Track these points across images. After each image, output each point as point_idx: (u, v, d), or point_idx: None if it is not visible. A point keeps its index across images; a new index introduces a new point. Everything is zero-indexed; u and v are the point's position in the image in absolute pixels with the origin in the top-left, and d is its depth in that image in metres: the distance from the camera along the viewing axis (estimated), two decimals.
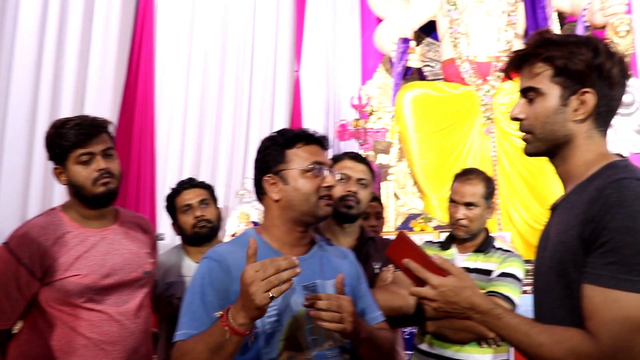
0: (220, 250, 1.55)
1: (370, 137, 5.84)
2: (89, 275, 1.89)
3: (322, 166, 1.59)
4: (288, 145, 1.60)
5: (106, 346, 1.90)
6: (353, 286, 1.70)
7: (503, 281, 2.20)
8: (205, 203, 2.58)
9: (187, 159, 5.80)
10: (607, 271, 1.10)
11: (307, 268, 1.57)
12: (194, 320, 1.44)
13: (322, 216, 1.59)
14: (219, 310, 1.40)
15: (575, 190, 1.27)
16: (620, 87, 1.29)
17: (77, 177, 1.93)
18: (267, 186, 1.60)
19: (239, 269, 1.45)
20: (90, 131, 1.95)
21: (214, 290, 1.47)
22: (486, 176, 2.40)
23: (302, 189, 1.56)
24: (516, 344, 1.22)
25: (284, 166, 1.58)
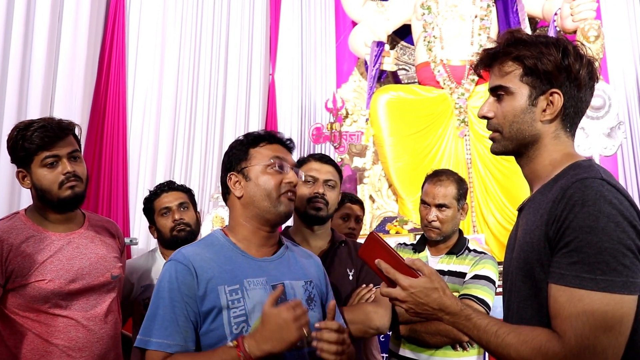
0: (186, 253, 1.53)
1: (345, 140, 5.84)
2: (54, 280, 1.84)
3: (283, 162, 1.60)
4: (252, 144, 1.63)
5: (73, 352, 1.85)
6: (321, 290, 1.71)
7: (477, 284, 2.19)
8: (184, 206, 2.56)
9: (160, 162, 5.73)
10: (571, 270, 1.10)
11: (275, 269, 1.58)
12: (165, 328, 1.44)
13: (284, 212, 1.59)
14: (187, 316, 1.45)
15: (541, 190, 1.27)
16: (588, 89, 1.30)
17: (43, 181, 1.89)
18: (231, 184, 1.62)
19: (204, 271, 1.49)
20: (56, 134, 1.91)
21: (181, 295, 1.46)
22: (458, 177, 2.38)
23: (263, 184, 1.57)
24: (485, 344, 1.21)
25: (246, 163, 1.60)
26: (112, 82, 5.36)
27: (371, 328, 1.94)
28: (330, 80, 6.98)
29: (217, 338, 1.46)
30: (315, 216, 2.08)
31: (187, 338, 1.45)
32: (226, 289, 1.49)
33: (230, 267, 1.53)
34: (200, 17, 6.31)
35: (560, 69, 1.25)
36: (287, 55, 6.91)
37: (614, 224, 1.09)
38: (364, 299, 2.02)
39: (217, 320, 1.46)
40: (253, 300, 1.49)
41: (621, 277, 1.07)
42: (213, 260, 1.53)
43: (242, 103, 6.47)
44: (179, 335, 1.44)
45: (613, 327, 1.07)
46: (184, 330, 1.44)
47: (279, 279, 1.57)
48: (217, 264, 1.52)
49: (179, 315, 1.44)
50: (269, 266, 1.58)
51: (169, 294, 1.47)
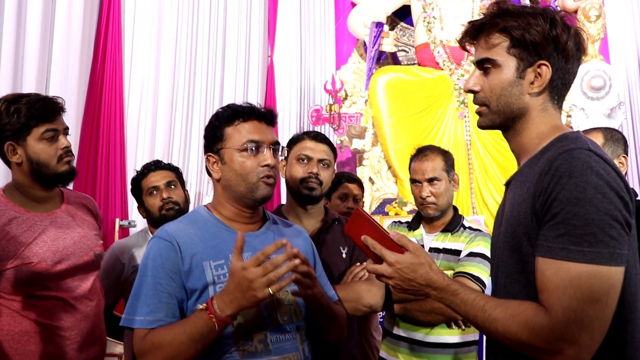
0: (170, 229, 1.51)
1: (344, 122, 5.82)
2: (41, 263, 1.83)
3: (259, 144, 1.54)
4: (227, 122, 1.56)
5: (63, 332, 1.86)
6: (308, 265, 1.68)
7: (472, 261, 2.18)
8: (172, 185, 2.54)
9: (158, 144, 5.72)
10: (558, 243, 1.09)
11: (261, 244, 1.55)
12: (147, 305, 1.43)
13: (261, 197, 1.55)
14: (171, 293, 1.43)
15: (528, 163, 1.26)
16: (575, 61, 1.28)
17: (41, 154, 1.87)
18: (209, 165, 1.58)
19: (188, 247, 1.47)
20: (55, 108, 1.91)
21: (165, 271, 1.45)
22: (442, 150, 2.39)
23: (238, 169, 1.53)
24: (472, 319, 1.21)
25: (222, 144, 1.55)
26: (109, 64, 5.33)
27: (364, 306, 1.93)
28: (329, 62, 6.93)
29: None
30: (309, 196, 2.07)
31: (171, 314, 1.43)
32: (211, 265, 1.47)
33: (215, 242, 1.51)
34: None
35: (548, 39, 1.23)
36: (286, 36, 6.86)
37: (601, 195, 1.07)
38: (357, 277, 2.01)
39: (204, 296, 1.44)
40: None
41: (608, 249, 1.06)
42: (197, 236, 1.51)
43: (240, 85, 6.44)
44: (162, 312, 1.42)
45: (600, 299, 1.06)
46: (167, 307, 1.43)
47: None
48: (201, 239, 1.50)
49: (162, 293, 1.43)
50: (254, 241, 1.55)
51: (153, 272, 1.45)
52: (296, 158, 2.10)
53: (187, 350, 1.36)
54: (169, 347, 1.37)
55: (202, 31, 6.26)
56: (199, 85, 6.16)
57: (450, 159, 2.35)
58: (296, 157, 2.11)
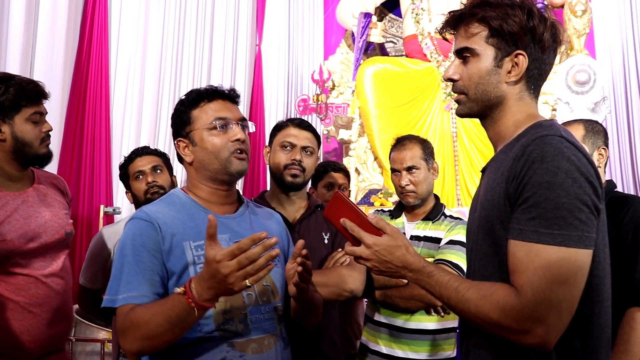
0: (148, 211, 1.51)
1: (331, 112, 5.83)
2: (13, 241, 1.88)
3: (227, 121, 1.56)
4: (193, 105, 1.58)
5: (34, 308, 1.91)
6: (283, 248, 1.71)
7: (451, 249, 2.21)
8: (158, 169, 2.56)
9: (144, 131, 5.71)
10: (530, 226, 1.12)
11: (238, 225, 1.58)
12: (129, 283, 1.41)
13: (236, 171, 1.56)
14: (153, 269, 1.42)
15: (503, 150, 1.29)
16: (551, 52, 1.31)
17: (26, 135, 1.94)
18: (180, 150, 1.60)
19: (168, 227, 1.47)
20: (43, 93, 1.98)
21: (146, 250, 1.44)
22: (421, 139, 2.41)
23: (209, 147, 1.54)
24: (446, 300, 1.23)
25: (190, 127, 1.57)
26: (95, 49, 5.29)
27: (345, 291, 1.96)
28: (317, 51, 6.93)
29: None
30: (292, 182, 2.08)
31: (154, 290, 1.42)
32: (191, 245, 1.48)
33: (194, 223, 1.52)
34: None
35: (525, 30, 1.26)
36: (275, 25, 6.84)
37: (572, 179, 1.11)
38: (339, 262, 2.04)
39: (184, 276, 1.44)
40: None
41: (577, 232, 1.09)
42: (176, 218, 1.51)
43: (227, 73, 6.42)
44: (145, 287, 1.41)
45: (568, 280, 1.09)
46: (150, 283, 1.41)
47: (242, 236, 1.52)
48: (180, 220, 1.51)
49: (145, 270, 1.42)
50: (231, 223, 1.57)
51: (133, 250, 1.44)
52: (280, 145, 2.12)
53: (164, 332, 1.34)
54: (146, 327, 1.34)
55: (190, 18, 6.23)
56: (186, 73, 6.14)
57: (428, 147, 2.38)
58: (280, 144, 2.12)
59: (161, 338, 1.36)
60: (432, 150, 2.40)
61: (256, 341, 1.49)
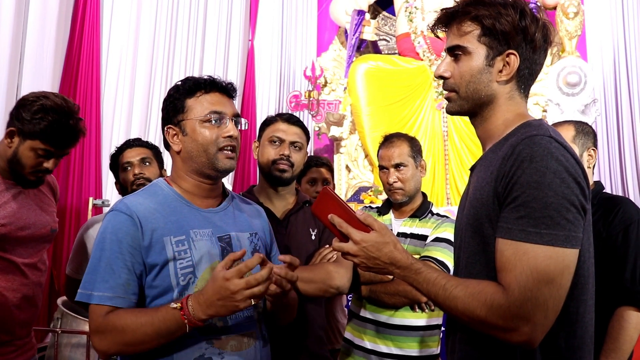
0: (129, 203, 1.49)
1: (323, 108, 5.82)
2: (6, 225, 1.98)
3: (222, 115, 1.54)
4: (188, 94, 1.56)
5: (7, 292, 2.00)
6: (266, 242, 1.71)
7: (437, 246, 2.22)
8: (146, 162, 2.56)
9: (134, 126, 5.66)
10: (518, 225, 1.13)
11: (221, 220, 1.57)
12: (105, 281, 1.40)
13: (222, 169, 1.54)
14: (130, 268, 1.42)
15: (492, 149, 1.30)
16: (542, 52, 1.32)
17: (23, 159, 1.99)
18: (169, 137, 1.57)
19: (148, 222, 1.45)
20: (66, 140, 2.00)
21: (125, 246, 1.42)
22: (409, 136, 2.43)
23: (200, 139, 1.52)
24: (434, 297, 1.24)
25: (183, 116, 1.55)
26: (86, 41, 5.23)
27: (331, 287, 1.96)
28: (310, 48, 6.93)
29: (164, 289, 1.44)
30: (280, 177, 2.08)
31: (130, 291, 1.41)
32: (172, 240, 1.45)
33: (176, 217, 1.49)
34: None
35: (517, 30, 1.27)
36: (268, 21, 6.82)
37: (560, 179, 1.11)
38: (326, 258, 2.04)
39: (163, 272, 1.43)
40: (200, 252, 1.47)
41: (564, 231, 1.10)
42: (157, 211, 1.48)
43: (219, 68, 6.39)
44: (121, 288, 1.40)
45: (554, 279, 1.10)
46: (126, 283, 1.40)
47: (225, 231, 1.55)
48: (161, 214, 1.48)
49: (122, 268, 1.40)
50: (214, 217, 1.56)
51: (111, 246, 1.42)
52: (268, 140, 2.12)
53: (149, 341, 1.36)
54: (132, 334, 1.35)
55: (183, 12, 6.19)
56: (178, 67, 6.10)
57: (416, 145, 2.39)
58: (268, 138, 2.12)
59: (144, 346, 1.38)
60: (420, 148, 2.41)
61: (235, 339, 1.49)
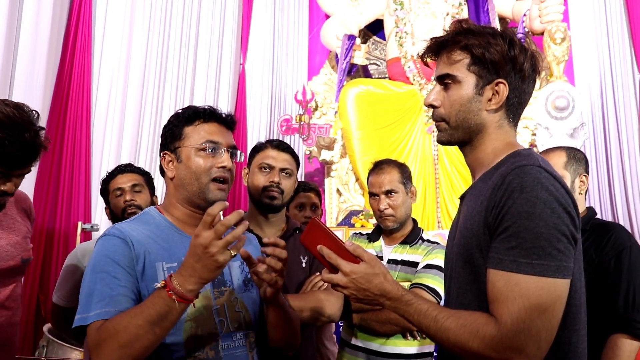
0: (121, 228, 1.47)
1: (314, 132, 5.83)
2: None
3: (217, 145, 1.54)
4: (187, 121, 1.56)
5: None
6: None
7: (428, 273, 2.21)
8: (137, 188, 2.54)
9: (124, 150, 5.65)
10: (509, 255, 1.12)
11: None
12: (102, 299, 1.34)
13: (212, 200, 1.52)
14: (128, 288, 1.36)
15: (482, 178, 1.30)
16: (531, 81, 1.33)
17: None
18: (164, 163, 1.57)
19: (141, 245, 1.43)
20: (23, 160, 1.69)
21: (120, 266, 1.38)
22: (398, 163, 2.44)
23: (193, 167, 1.51)
24: (425, 329, 1.22)
25: (179, 143, 1.54)
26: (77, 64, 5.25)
27: (322, 315, 1.94)
28: (301, 72, 6.96)
29: None
30: (270, 204, 2.08)
31: (129, 305, 1.35)
32: (164, 266, 1.44)
33: (168, 244, 1.48)
34: (170, 2, 6.23)
35: (506, 59, 1.27)
36: (259, 45, 6.86)
37: (550, 210, 1.11)
38: (317, 286, 2.02)
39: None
40: None
41: (555, 262, 1.10)
42: (149, 237, 1.47)
43: (211, 91, 6.41)
44: (120, 303, 1.34)
45: (547, 309, 1.09)
46: (125, 299, 1.35)
47: None
48: (154, 240, 1.47)
49: (119, 286, 1.36)
50: None
51: (106, 267, 1.38)
52: (258, 167, 2.11)
53: (144, 334, 1.27)
54: (125, 332, 1.27)
55: (174, 35, 6.22)
56: (169, 90, 6.11)
57: (406, 171, 2.39)
58: (258, 165, 2.11)
59: (140, 342, 1.27)
60: (410, 174, 2.41)
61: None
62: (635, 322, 1.95)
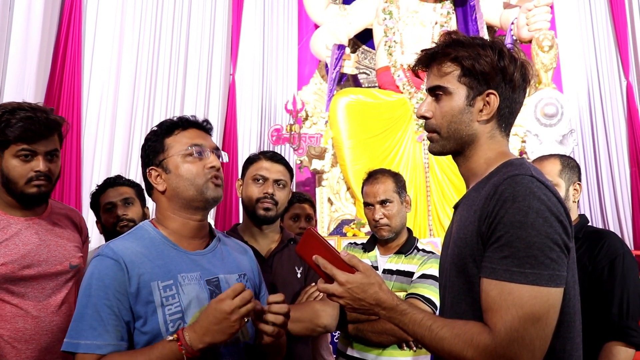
0: (115, 247, 1.46)
1: (304, 142, 5.84)
2: (7, 265, 1.78)
3: (202, 148, 1.55)
4: (166, 134, 1.57)
5: (18, 344, 1.79)
6: (255, 283, 1.69)
7: (423, 283, 2.21)
8: (129, 202, 2.52)
9: (115, 161, 5.64)
10: (502, 265, 1.13)
11: (209, 262, 1.55)
12: (94, 328, 1.36)
13: (212, 198, 1.54)
14: (118, 314, 1.38)
15: (475, 188, 1.31)
16: (521, 91, 1.34)
17: (12, 172, 1.84)
18: (151, 179, 1.56)
19: (135, 266, 1.42)
20: (40, 130, 1.84)
21: (112, 292, 1.39)
22: (392, 172, 2.45)
23: (185, 174, 1.52)
24: (420, 338, 1.23)
25: (164, 155, 1.55)
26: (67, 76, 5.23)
27: (318, 326, 1.94)
28: (291, 82, 6.99)
29: (153, 336, 1.40)
30: (264, 216, 2.07)
31: (119, 337, 1.37)
32: (160, 285, 1.42)
33: (163, 261, 1.47)
34: (160, 13, 6.24)
35: (496, 70, 1.29)
36: (249, 55, 6.88)
37: (542, 219, 1.12)
38: (312, 297, 2.02)
39: (152, 319, 1.40)
40: (188, 296, 1.44)
41: (548, 271, 1.11)
42: (144, 255, 1.46)
43: (201, 102, 6.41)
44: (110, 335, 1.36)
45: (540, 318, 1.10)
46: (115, 330, 1.37)
47: (213, 273, 1.53)
48: (148, 258, 1.46)
49: (110, 314, 1.37)
50: (202, 260, 1.54)
51: (98, 292, 1.38)
52: (252, 178, 2.11)
53: None
54: None
55: (164, 46, 6.23)
56: (159, 101, 6.11)
57: (400, 181, 2.40)
58: (252, 177, 2.11)
59: None
60: (404, 184, 2.42)
61: None
62: (629, 329, 1.96)
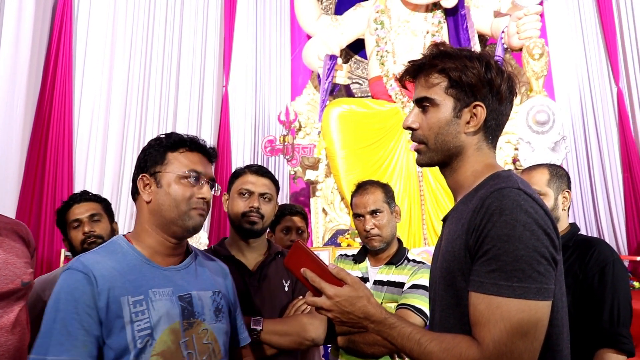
0: (85, 261, 1.42)
1: (298, 153, 5.84)
2: None
3: (200, 176, 1.54)
4: (171, 148, 1.55)
5: None
6: (229, 301, 1.67)
7: (414, 293, 2.21)
8: (96, 218, 2.43)
9: (107, 174, 5.62)
10: (489, 278, 1.12)
11: (182, 278, 1.52)
12: (61, 344, 1.32)
13: (192, 227, 1.52)
14: (87, 329, 1.34)
15: (463, 200, 1.30)
16: (508, 103, 1.34)
17: None
18: (141, 186, 1.54)
19: (106, 280, 1.39)
20: None
21: (81, 306, 1.35)
22: (381, 183, 2.45)
23: (174, 194, 1.50)
24: (409, 352, 1.22)
25: (161, 168, 1.53)
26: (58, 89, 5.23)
27: (306, 339, 1.93)
28: (284, 93, 7.00)
29: (121, 352, 1.36)
30: (250, 230, 2.07)
31: (87, 353, 1.33)
32: (130, 300, 1.39)
33: (135, 276, 1.44)
34: (152, 25, 6.25)
35: (483, 82, 1.28)
36: (241, 67, 6.90)
37: (530, 232, 1.11)
38: (300, 310, 2.01)
39: (120, 334, 1.36)
40: (159, 312, 1.41)
41: (536, 284, 1.10)
42: (115, 269, 1.43)
43: (194, 114, 6.42)
44: (77, 350, 1.31)
45: (528, 332, 1.09)
46: (82, 345, 1.32)
47: (186, 289, 1.50)
48: (120, 273, 1.43)
49: (79, 329, 1.33)
50: (175, 276, 1.51)
51: (66, 306, 1.34)
52: (238, 192, 2.11)
53: None
54: None
55: (156, 58, 6.24)
56: (152, 113, 6.11)
57: (389, 191, 2.40)
58: (238, 191, 2.11)
59: None
60: (393, 194, 2.42)
61: None
62: (620, 336, 1.96)
